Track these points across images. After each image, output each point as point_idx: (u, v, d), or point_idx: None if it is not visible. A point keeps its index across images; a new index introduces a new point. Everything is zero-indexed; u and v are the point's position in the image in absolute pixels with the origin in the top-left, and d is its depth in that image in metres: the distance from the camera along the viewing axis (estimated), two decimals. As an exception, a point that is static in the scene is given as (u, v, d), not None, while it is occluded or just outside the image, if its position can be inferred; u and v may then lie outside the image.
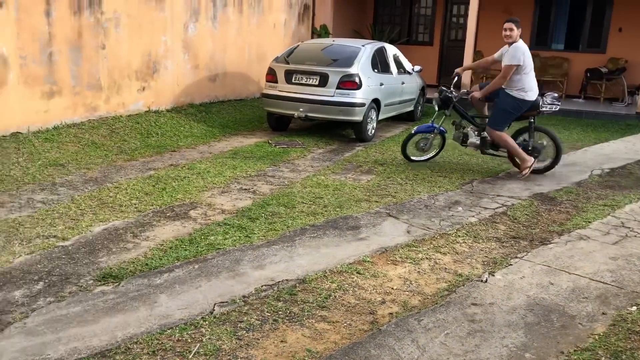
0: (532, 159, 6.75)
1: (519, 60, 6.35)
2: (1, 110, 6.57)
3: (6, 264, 3.89)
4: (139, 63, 8.63)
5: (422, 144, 7.29)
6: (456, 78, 7.20)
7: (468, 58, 12.72)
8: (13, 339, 3.02)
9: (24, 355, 2.88)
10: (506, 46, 6.53)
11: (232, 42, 10.80)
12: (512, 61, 6.35)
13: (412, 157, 7.43)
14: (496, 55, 6.75)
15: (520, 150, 6.75)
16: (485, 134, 6.91)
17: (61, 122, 7.38)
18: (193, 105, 9.80)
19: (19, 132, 6.80)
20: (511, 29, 6.36)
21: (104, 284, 3.70)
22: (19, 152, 6.38)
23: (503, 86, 6.50)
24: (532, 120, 6.80)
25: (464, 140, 7.15)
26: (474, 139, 7.06)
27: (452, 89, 7.03)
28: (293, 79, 8.71)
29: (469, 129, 7.10)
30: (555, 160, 6.97)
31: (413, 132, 7.35)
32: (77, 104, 7.63)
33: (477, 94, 6.73)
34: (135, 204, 5.26)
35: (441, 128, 7.23)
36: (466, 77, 12.91)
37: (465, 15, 14.70)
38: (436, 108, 7.13)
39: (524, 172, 6.71)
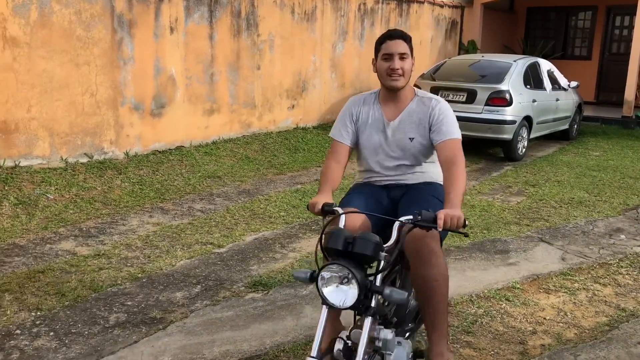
0: None
1: None
2: (169, 125, 7.23)
3: (169, 267, 4.24)
4: (290, 82, 9.04)
5: None
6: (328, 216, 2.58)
7: (633, 73, 11.67)
8: (174, 337, 3.27)
9: (183, 353, 3.11)
10: (368, 102, 2.89)
11: (378, 60, 10.93)
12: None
13: None
14: (345, 137, 2.91)
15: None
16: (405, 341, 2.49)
17: (219, 137, 7.94)
18: (338, 122, 10.04)
19: (183, 146, 7.43)
20: (403, 56, 2.72)
21: (254, 291, 3.88)
22: (182, 164, 6.97)
23: (432, 178, 2.92)
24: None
25: None
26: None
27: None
28: (439, 95, 8.58)
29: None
30: None
31: None
32: (233, 121, 8.17)
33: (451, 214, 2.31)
34: (283, 216, 5.48)
35: None
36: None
37: (630, 27, 13.55)
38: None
39: None
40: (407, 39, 2.75)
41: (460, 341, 3.28)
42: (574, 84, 10.06)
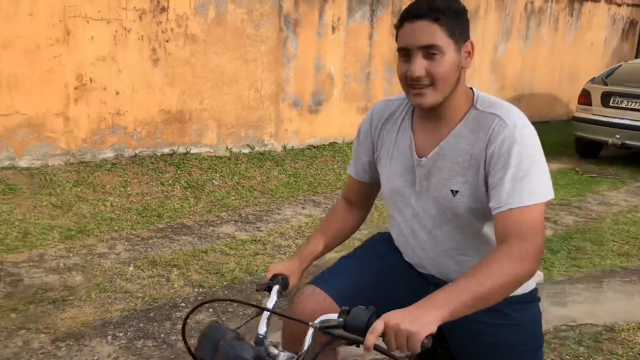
0: None
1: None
2: (324, 122, 7.45)
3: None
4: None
5: None
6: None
7: None
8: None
9: (328, 344, 3.18)
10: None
11: (543, 62, 10.31)
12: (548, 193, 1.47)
13: None
14: (360, 172, 1.78)
15: None
16: None
17: (371, 135, 8.02)
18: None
19: (335, 142, 7.61)
20: (432, 51, 1.41)
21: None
22: (334, 160, 7.15)
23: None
24: None
25: None
26: None
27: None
28: (611, 102, 7.89)
29: None
30: None
31: None
32: (386, 119, 8.20)
33: None
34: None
35: None
36: None
37: None
38: None
39: None
40: (441, 13, 1.38)
41: (623, 372, 3.00)
42: None
